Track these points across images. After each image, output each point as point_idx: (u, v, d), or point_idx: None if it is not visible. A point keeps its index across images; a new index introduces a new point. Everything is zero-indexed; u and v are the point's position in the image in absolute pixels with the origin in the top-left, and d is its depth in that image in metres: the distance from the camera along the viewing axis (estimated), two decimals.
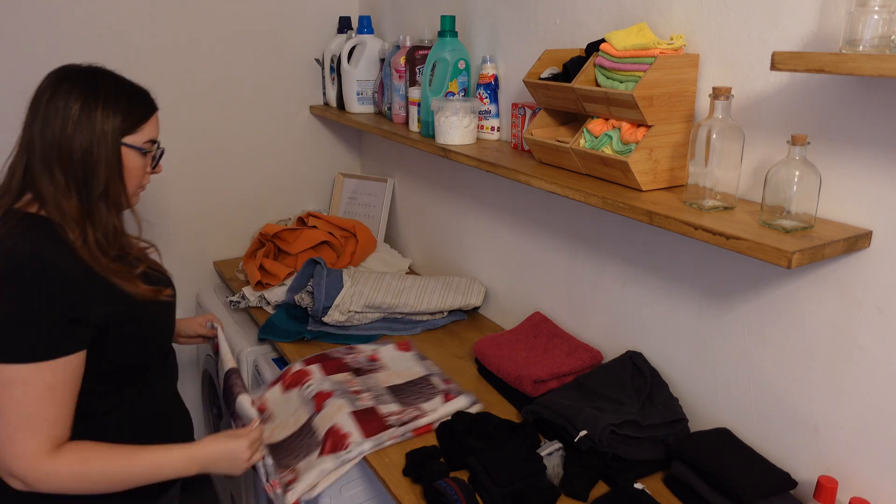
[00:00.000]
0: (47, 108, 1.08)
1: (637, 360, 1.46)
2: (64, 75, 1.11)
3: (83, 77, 1.11)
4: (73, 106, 1.07)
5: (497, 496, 1.20)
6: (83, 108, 1.08)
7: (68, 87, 1.09)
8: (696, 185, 1.17)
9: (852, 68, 0.87)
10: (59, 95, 1.08)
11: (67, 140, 1.07)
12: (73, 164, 1.08)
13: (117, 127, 1.10)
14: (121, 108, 1.11)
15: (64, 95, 1.08)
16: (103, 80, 1.13)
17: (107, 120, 1.09)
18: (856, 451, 1.14)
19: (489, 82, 1.77)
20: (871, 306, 1.08)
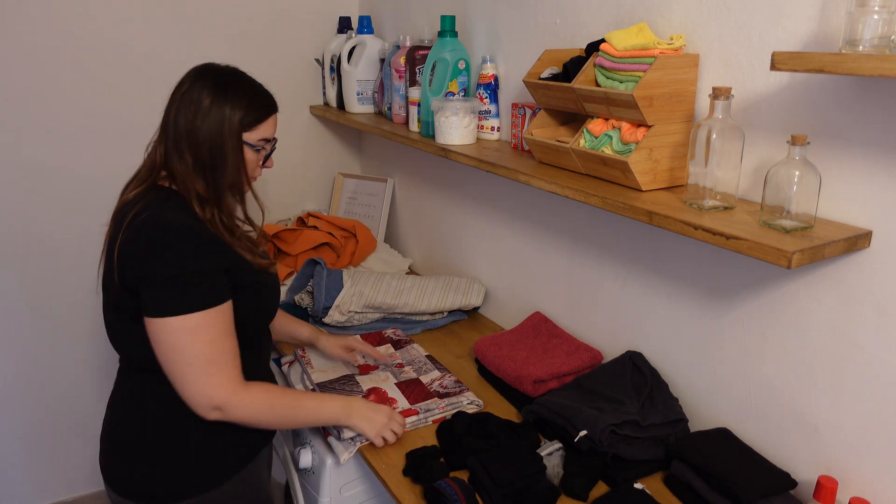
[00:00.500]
0: (182, 98, 1.22)
1: (637, 360, 1.46)
2: (202, 71, 1.26)
3: (217, 75, 1.25)
4: (205, 99, 1.21)
5: (497, 496, 1.20)
6: (213, 102, 1.21)
7: (203, 83, 1.23)
8: (696, 185, 1.17)
9: (852, 68, 0.87)
10: (194, 88, 1.22)
11: (197, 129, 1.20)
12: (201, 151, 1.21)
13: (237, 122, 1.22)
14: (243, 106, 1.23)
15: (198, 89, 1.22)
16: (234, 79, 1.27)
17: (233, 115, 1.22)
18: (856, 451, 1.14)
19: (489, 82, 1.77)
20: (871, 306, 1.08)
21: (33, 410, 2.27)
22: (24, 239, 2.11)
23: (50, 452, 2.34)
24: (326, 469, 1.46)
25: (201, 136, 1.20)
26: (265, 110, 1.28)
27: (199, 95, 1.21)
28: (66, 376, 2.28)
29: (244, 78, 1.29)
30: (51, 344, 2.23)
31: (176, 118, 1.22)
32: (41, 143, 2.06)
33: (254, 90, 1.28)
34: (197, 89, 1.22)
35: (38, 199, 2.10)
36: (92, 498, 2.42)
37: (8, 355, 2.18)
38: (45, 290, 2.17)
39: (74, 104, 2.07)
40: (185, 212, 1.20)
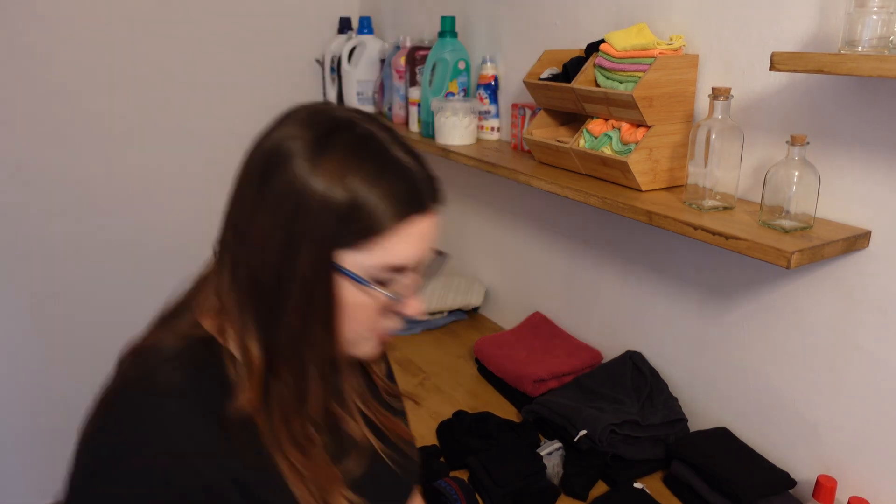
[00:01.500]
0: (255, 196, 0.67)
1: (637, 360, 1.46)
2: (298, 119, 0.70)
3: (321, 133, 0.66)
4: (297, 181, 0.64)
5: (497, 496, 1.20)
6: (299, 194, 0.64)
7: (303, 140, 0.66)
8: (696, 186, 1.17)
9: (851, 69, 0.88)
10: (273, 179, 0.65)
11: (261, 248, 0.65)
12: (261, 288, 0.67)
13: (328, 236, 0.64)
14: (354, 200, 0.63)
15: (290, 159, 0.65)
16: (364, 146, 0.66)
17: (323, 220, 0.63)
18: (855, 451, 1.14)
19: (489, 82, 1.77)
20: (871, 306, 1.08)
21: (33, 411, 2.27)
22: (24, 240, 2.11)
23: (50, 452, 2.34)
24: None
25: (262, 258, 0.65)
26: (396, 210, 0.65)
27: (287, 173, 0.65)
28: (66, 376, 2.28)
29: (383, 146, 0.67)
30: (51, 344, 2.23)
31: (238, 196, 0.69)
32: (41, 144, 2.06)
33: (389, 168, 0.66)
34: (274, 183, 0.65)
35: (42, 201, 2.10)
36: None
37: (8, 355, 2.18)
38: (45, 290, 2.17)
39: (74, 105, 2.07)
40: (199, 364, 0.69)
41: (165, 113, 2.20)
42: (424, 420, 1.49)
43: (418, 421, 1.48)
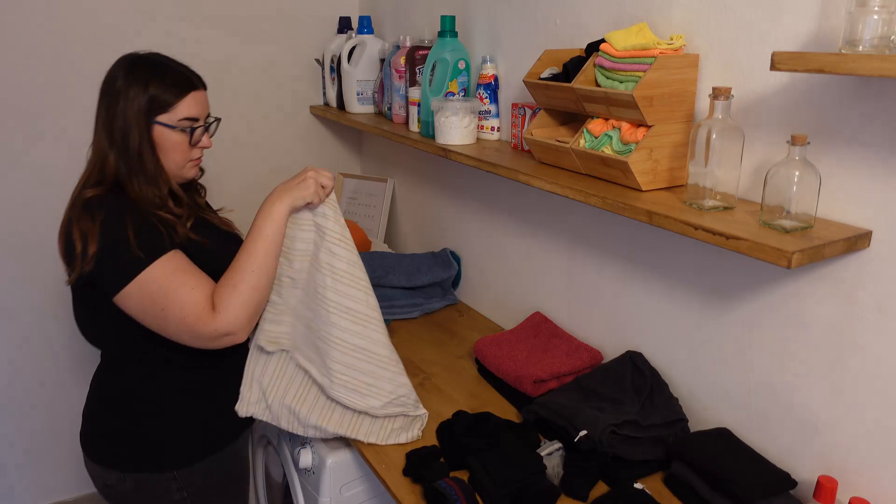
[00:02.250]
0: (101, 91, 1.25)
1: (637, 360, 1.46)
2: (120, 61, 1.27)
3: (129, 60, 1.26)
4: (117, 85, 1.23)
5: (497, 496, 1.19)
6: (124, 89, 1.22)
7: (115, 69, 1.25)
8: (696, 185, 1.17)
9: (852, 68, 0.87)
10: (112, 79, 1.24)
11: (111, 115, 1.22)
12: (114, 135, 1.22)
13: (145, 107, 1.22)
14: (151, 89, 1.23)
15: (113, 76, 1.24)
16: (144, 63, 1.26)
17: (137, 100, 1.22)
18: (856, 451, 1.14)
19: (489, 82, 1.77)
20: (871, 306, 1.08)
21: (33, 411, 2.27)
22: (27, 239, 2.11)
23: (49, 453, 2.34)
24: (326, 469, 1.46)
25: (116, 123, 1.22)
26: (180, 88, 1.26)
27: (113, 80, 1.24)
28: (65, 376, 2.28)
29: (155, 61, 1.28)
30: (50, 344, 2.23)
31: (98, 106, 1.25)
32: (42, 145, 2.06)
33: (165, 70, 1.26)
34: (111, 74, 1.25)
35: (43, 201, 2.09)
36: (90, 499, 2.42)
37: (7, 356, 2.18)
38: (45, 290, 2.17)
39: (74, 105, 2.07)
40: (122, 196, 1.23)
41: None
42: None
43: None
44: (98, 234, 1.17)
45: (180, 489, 1.32)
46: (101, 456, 1.32)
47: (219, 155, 2.34)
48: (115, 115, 1.22)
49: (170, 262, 1.18)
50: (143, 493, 1.31)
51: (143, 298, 1.17)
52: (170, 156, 1.27)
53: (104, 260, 1.16)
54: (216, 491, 1.38)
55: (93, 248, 1.16)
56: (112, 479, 1.31)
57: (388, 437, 1.39)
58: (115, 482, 1.31)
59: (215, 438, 1.36)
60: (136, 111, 1.22)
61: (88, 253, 1.16)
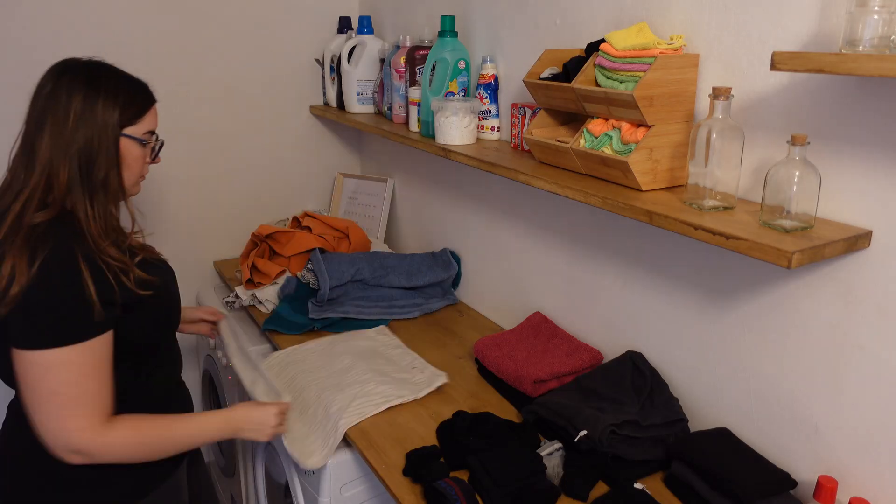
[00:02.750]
0: (47, 101, 1.11)
1: (637, 360, 1.46)
2: (65, 69, 1.14)
3: (84, 70, 1.14)
4: (76, 98, 1.10)
5: (497, 496, 1.20)
6: (84, 100, 1.11)
7: (69, 80, 1.11)
8: (696, 185, 1.17)
9: (852, 68, 0.87)
10: (60, 89, 1.11)
11: (71, 132, 1.10)
12: (78, 156, 1.11)
13: (117, 119, 1.13)
14: (121, 101, 1.14)
15: (66, 88, 1.11)
16: (104, 73, 1.16)
17: (107, 112, 1.12)
18: (856, 451, 1.14)
19: (489, 82, 1.77)
20: (871, 306, 1.08)
21: None
22: None
23: None
24: (326, 469, 1.46)
25: (77, 139, 1.10)
26: (145, 100, 1.19)
27: (69, 95, 1.10)
28: None
29: (112, 70, 1.18)
30: None
31: (43, 123, 1.10)
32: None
33: (129, 83, 1.18)
34: (64, 90, 1.10)
35: None
36: None
37: None
38: None
39: None
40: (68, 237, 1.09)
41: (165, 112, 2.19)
42: (424, 420, 1.49)
43: (418, 421, 1.48)
44: (31, 277, 1.03)
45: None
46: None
47: (219, 155, 2.35)
48: (74, 128, 1.09)
49: (95, 353, 1.08)
50: None
51: (45, 372, 1.05)
52: (129, 171, 1.18)
53: (27, 310, 1.04)
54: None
55: (15, 289, 1.03)
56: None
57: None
58: None
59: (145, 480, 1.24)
60: (105, 124, 1.11)
61: (10, 294, 1.03)
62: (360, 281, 1.99)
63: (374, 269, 2.00)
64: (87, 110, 1.11)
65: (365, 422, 1.47)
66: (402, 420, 1.48)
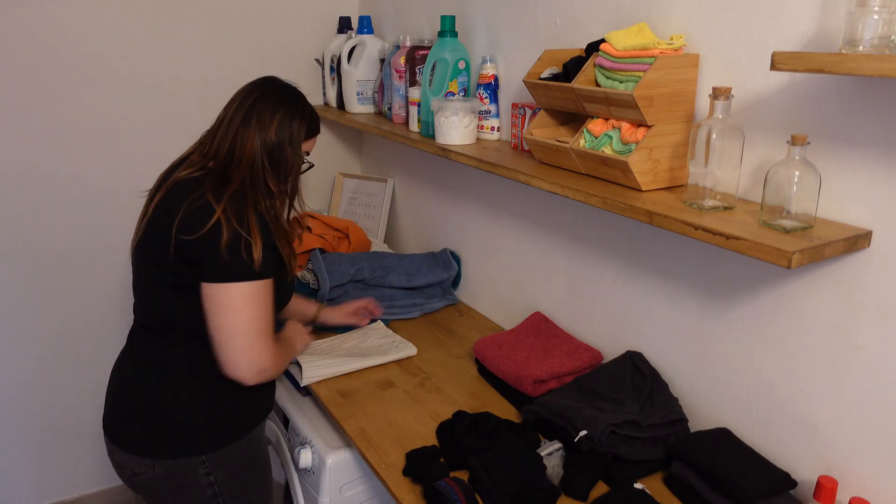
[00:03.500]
0: (255, 105, 1.33)
1: (637, 360, 1.46)
2: (272, 84, 1.38)
3: (288, 91, 1.38)
4: (280, 110, 1.33)
5: (497, 496, 1.19)
6: (285, 114, 1.33)
7: (276, 94, 1.35)
8: (696, 185, 1.17)
9: (852, 68, 0.87)
10: (268, 98, 1.34)
11: (270, 135, 1.32)
12: (272, 155, 1.32)
13: (302, 136, 1.37)
14: (306, 122, 1.38)
15: (273, 99, 1.34)
16: (300, 97, 1.40)
17: (300, 129, 1.36)
18: (856, 451, 1.14)
19: (489, 82, 1.77)
20: (871, 306, 1.08)
21: (34, 410, 2.27)
22: (26, 239, 2.11)
23: (50, 452, 2.34)
24: (326, 469, 1.46)
25: (274, 142, 1.32)
26: (316, 127, 1.43)
27: (275, 106, 1.33)
28: (66, 376, 2.28)
29: (304, 97, 1.43)
30: (51, 343, 2.23)
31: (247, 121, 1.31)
32: (42, 145, 2.06)
33: (311, 111, 1.42)
34: (271, 100, 1.33)
35: (40, 200, 2.09)
36: (93, 498, 2.42)
37: (8, 356, 2.18)
38: (46, 289, 2.17)
39: (75, 106, 2.07)
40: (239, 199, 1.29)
41: (165, 112, 2.20)
42: (424, 420, 1.49)
43: (418, 421, 1.48)
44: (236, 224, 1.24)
45: (208, 474, 1.34)
46: (130, 443, 1.34)
47: None
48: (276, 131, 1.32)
49: (269, 287, 1.29)
50: (172, 479, 1.33)
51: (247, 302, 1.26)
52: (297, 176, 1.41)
53: (232, 249, 1.23)
54: (241, 475, 1.40)
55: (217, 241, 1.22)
56: (141, 466, 1.33)
57: None
58: (143, 469, 1.33)
59: (242, 423, 1.40)
60: (297, 135, 1.35)
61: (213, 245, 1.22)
62: (360, 281, 1.99)
63: (374, 269, 2.00)
64: (287, 122, 1.33)
65: (365, 421, 1.47)
66: (402, 420, 1.49)
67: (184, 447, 1.33)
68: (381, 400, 1.57)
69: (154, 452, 1.33)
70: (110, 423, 1.38)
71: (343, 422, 1.48)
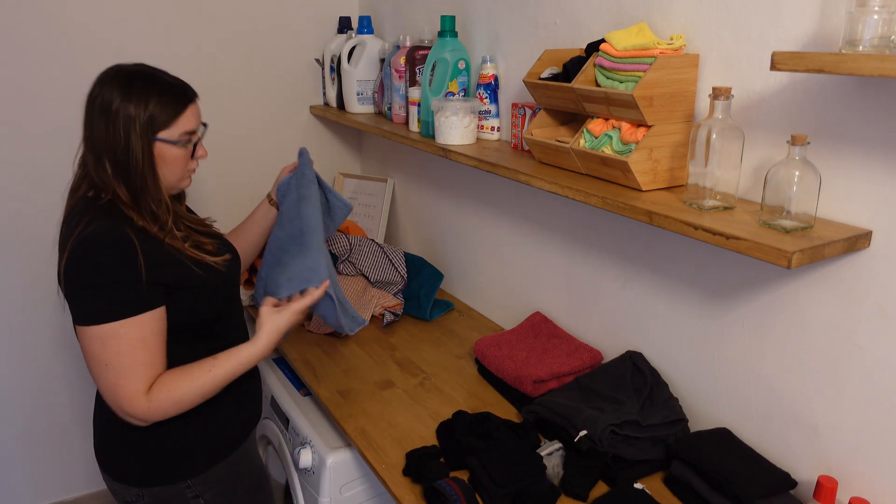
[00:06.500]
0: (93, 106, 1.20)
1: (637, 360, 1.46)
2: (107, 76, 1.22)
3: (122, 77, 1.21)
4: (114, 105, 1.18)
5: (497, 496, 1.20)
6: (119, 107, 1.18)
7: (110, 88, 1.19)
8: (696, 185, 1.17)
9: (852, 68, 0.87)
10: (103, 95, 1.19)
11: (110, 136, 1.18)
12: (117, 156, 1.19)
13: (147, 124, 1.19)
14: (151, 107, 1.19)
15: (107, 95, 1.19)
16: (138, 79, 1.21)
17: (138, 118, 1.18)
18: (856, 451, 1.14)
19: (489, 82, 1.77)
20: (871, 306, 1.08)
21: (33, 410, 2.27)
22: (22, 238, 2.11)
23: (49, 452, 2.34)
24: (326, 469, 1.47)
25: (113, 141, 1.18)
26: (179, 102, 1.23)
27: (109, 102, 1.18)
28: (66, 376, 2.29)
29: (148, 75, 1.24)
30: (51, 343, 2.23)
31: (92, 127, 1.20)
32: (42, 144, 2.06)
33: (162, 87, 1.23)
34: (105, 96, 1.19)
35: (42, 199, 2.09)
36: (92, 498, 2.42)
37: (9, 354, 2.18)
38: (45, 288, 2.17)
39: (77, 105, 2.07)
40: (121, 220, 1.19)
41: None
42: (424, 420, 1.49)
43: (418, 421, 1.48)
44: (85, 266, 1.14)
45: (196, 497, 1.32)
46: (118, 473, 1.32)
47: (218, 155, 2.34)
48: (115, 135, 1.18)
49: (143, 327, 1.17)
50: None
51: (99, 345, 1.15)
52: (170, 170, 1.25)
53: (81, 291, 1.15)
54: (233, 492, 1.38)
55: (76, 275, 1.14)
56: (131, 495, 1.31)
57: None
58: (134, 498, 1.32)
59: (226, 442, 1.36)
60: (137, 130, 1.18)
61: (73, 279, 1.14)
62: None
63: None
64: (122, 116, 1.17)
65: (365, 421, 1.47)
66: (402, 420, 1.49)
67: (168, 474, 1.30)
68: (381, 400, 1.57)
69: (140, 481, 1.30)
70: (99, 451, 1.35)
71: (343, 422, 1.48)
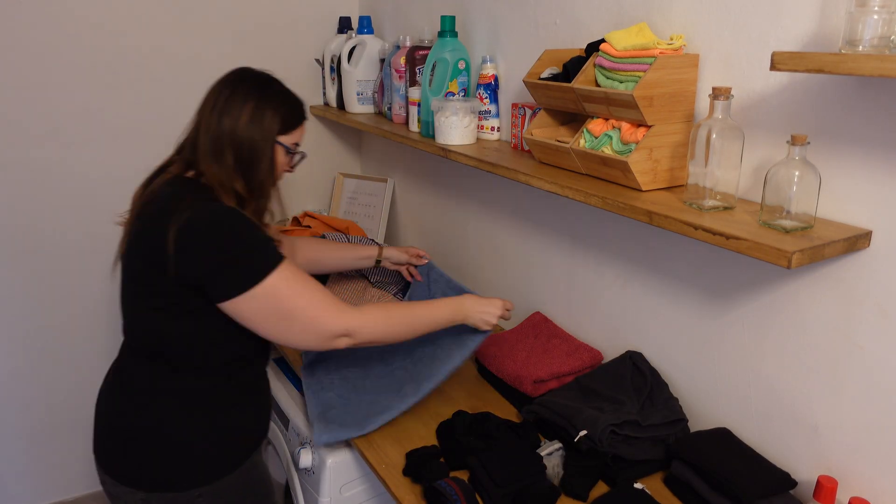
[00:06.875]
0: (227, 101, 1.26)
1: (637, 360, 1.46)
2: (243, 75, 1.32)
3: (259, 81, 1.31)
4: (249, 104, 1.26)
5: (497, 496, 1.20)
6: (256, 107, 1.26)
7: (246, 88, 1.28)
8: (696, 185, 1.17)
9: (852, 68, 0.87)
10: (238, 92, 1.27)
11: (240, 131, 1.25)
12: (242, 152, 1.25)
13: (278, 128, 1.29)
14: (283, 112, 1.30)
15: (242, 93, 1.27)
16: (274, 86, 1.33)
17: (273, 121, 1.28)
18: (856, 451, 1.14)
19: (489, 82, 1.77)
20: (871, 306, 1.08)
21: (33, 410, 2.27)
22: (25, 237, 2.11)
23: (49, 452, 2.34)
24: (326, 469, 1.46)
25: (244, 139, 1.25)
26: (300, 116, 1.35)
27: (245, 100, 1.26)
28: (66, 376, 2.28)
29: (281, 85, 1.35)
30: (50, 343, 2.23)
31: (219, 120, 1.26)
32: (44, 143, 2.06)
33: (291, 98, 1.34)
34: (241, 94, 1.27)
35: (40, 198, 2.09)
36: (92, 498, 2.42)
37: (8, 354, 2.18)
38: (46, 289, 2.17)
39: (76, 104, 2.07)
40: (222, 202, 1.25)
41: (164, 111, 2.20)
42: (424, 420, 1.49)
43: (418, 421, 1.48)
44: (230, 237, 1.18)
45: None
46: (124, 476, 1.27)
47: None
48: (248, 131, 1.25)
49: (290, 266, 1.23)
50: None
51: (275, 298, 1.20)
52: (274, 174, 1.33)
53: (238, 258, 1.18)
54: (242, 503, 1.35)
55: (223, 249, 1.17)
56: (134, 499, 1.26)
57: None
58: (137, 502, 1.27)
59: (239, 451, 1.33)
60: (270, 128, 1.27)
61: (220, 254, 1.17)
62: None
63: None
64: (258, 116, 1.26)
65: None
66: (401, 420, 1.48)
67: (180, 480, 1.26)
68: None
69: (148, 485, 1.25)
70: (101, 452, 1.30)
71: None
